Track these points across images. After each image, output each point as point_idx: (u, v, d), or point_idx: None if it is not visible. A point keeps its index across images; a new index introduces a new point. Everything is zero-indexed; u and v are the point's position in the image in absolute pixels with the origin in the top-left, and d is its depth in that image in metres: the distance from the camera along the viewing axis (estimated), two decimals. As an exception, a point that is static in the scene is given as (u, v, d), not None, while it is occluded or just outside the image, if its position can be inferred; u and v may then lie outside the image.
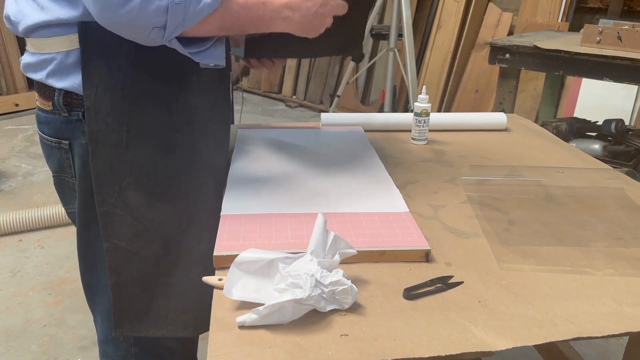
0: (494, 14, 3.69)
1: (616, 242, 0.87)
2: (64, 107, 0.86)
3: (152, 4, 0.73)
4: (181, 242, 0.90)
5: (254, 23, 0.84)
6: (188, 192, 0.90)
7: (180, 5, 0.75)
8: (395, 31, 2.84)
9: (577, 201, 1.01)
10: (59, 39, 0.82)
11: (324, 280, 0.63)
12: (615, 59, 1.91)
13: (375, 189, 0.99)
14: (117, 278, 0.88)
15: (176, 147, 0.88)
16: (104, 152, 0.84)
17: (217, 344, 0.61)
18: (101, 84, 0.82)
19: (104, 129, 0.83)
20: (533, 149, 1.31)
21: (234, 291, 0.65)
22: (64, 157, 0.90)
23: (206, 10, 0.77)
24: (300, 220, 0.86)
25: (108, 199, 0.85)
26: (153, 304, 0.90)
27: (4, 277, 2.21)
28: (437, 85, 3.86)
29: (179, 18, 0.75)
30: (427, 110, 1.30)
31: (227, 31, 0.83)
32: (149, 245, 0.88)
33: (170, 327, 0.91)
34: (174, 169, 0.88)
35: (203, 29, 0.79)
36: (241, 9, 0.81)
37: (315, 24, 0.88)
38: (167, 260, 0.89)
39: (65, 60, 0.83)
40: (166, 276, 0.90)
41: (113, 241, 0.87)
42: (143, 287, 0.89)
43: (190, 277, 0.90)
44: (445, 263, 0.79)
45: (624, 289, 0.74)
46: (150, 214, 0.87)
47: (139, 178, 0.86)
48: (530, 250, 0.83)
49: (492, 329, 0.64)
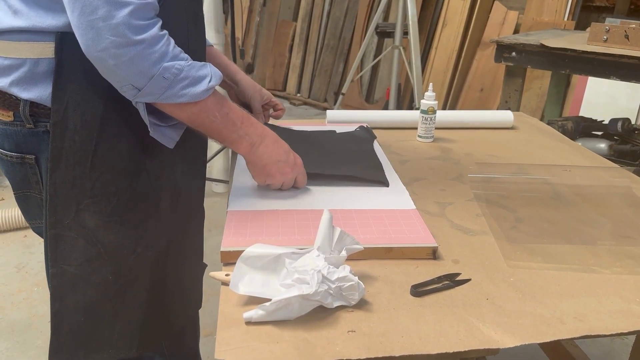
0: (499, 12, 3.68)
1: (623, 240, 0.86)
2: (29, 118, 0.79)
3: (142, 64, 0.72)
4: (133, 268, 0.85)
5: (222, 133, 0.85)
6: (148, 218, 0.86)
7: (166, 80, 0.74)
8: (401, 29, 2.83)
9: (585, 199, 1.01)
10: (30, 44, 0.76)
11: (330, 276, 0.63)
12: (622, 58, 1.90)
13: (381, 186, 0.99)
14: (59, 305, 0.83)
15: (142, 172, 0.84)
16: (65, 170, 0.78)
17: (224, 339, 0.61)
18: (72, 100, 0.77)
19: (69, 147, 0.78)
20: (540, 147, 1.30)
21: (240, 286, 0.65)
22: (29, 172, 0.84)
23: (186, 99, 0.77)
24: (306, 217, 0.85)
25: (63, 220, 0.80)
26: (96, 330, 0.85)
27: (9, 273, 2.21)
28: (442, 84, 3.85)
29: (157, 91, 0.75)
30: (433, 108, 1.29)
31: (193, 125, 0.82)
32: (99, 270, 0.83)
33: (113, 351, 0.86)
34: (136, 194, 0.83)
35: (174, 111, 0.79)
36: (219, 116, 0.82)
37: (269, 169, 0.91)
38: (116, 286, 0.85)
39: (35, 68, 0.77)
40: (113, 301, 0.85)
41: (61, 265, 0.81)
42: (87, 313, 0.84)
43: (140, 300, 0.87)
44: (452, 260, 0.78)
45: (632, 287, 0.73)
46: (106, 238, 0.82)
47: (99, 200, 0.81)
48: (537, 248, 0.82)
49: (499, 326, 0.64)
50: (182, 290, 0.98)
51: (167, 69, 0.74)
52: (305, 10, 4.75)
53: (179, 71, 0.75)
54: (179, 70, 0.75)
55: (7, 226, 2.50)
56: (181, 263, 0.96)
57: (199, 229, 1.04)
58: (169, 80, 0.75)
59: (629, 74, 1.91)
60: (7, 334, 1.86)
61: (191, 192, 0.95)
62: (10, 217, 2.50)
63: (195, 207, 1.00)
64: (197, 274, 1.06)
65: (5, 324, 1.91)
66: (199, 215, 1.03)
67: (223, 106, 0.83)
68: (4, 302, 2.03)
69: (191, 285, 1.03)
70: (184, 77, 0.76)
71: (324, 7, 4.63)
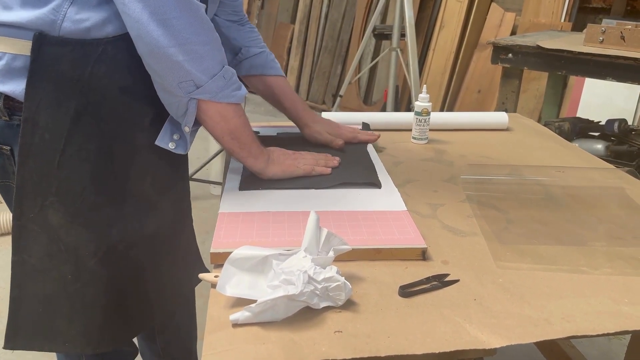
0: (496, 13, 3.68)
1: (615, 241, 0.86)
2: (4, 111, 0.81)
3: (209, 62, 0.80)
4: (95, 270, 0.85)
5: (245, 140, 0.93)
6: (111, 223, 0.86)
7: (224, 80, 0.83)
8: (398, 31, 2.83)
9: (577, 200, 1.01)
10: (11, 40, 0.77)
11: (316, 277, 0.63)
12: (618, 59, 1.90)
13: (373, 188, 0.99)
14: (19, 292, 0.85)
15: (110, 177, 0.84)
16: (33, 166, 0.79)
17: (211, 342, 0.61)
18: (45, 99, 0.77)
19: (38, 143, 0.79)
20: (534, 149, 1.30)
21: (227, 288, 0.65)
22: (6, 163, 0.85)
23: (235, 99, 0.86)
24: (297, 219, 0.86)
25: (27, 213, 0.81)
26: (53, 322, 0.86)
27: (7, 275, 2.21)
28: (440, 85, 3.85)
29: (215, 89, 0.82)
30: (427, 109, 1.29)
31: (227, 126, 0.88)
32: (59, 267, 0.84)
33: (69, 345, 0.87)
34: (102, 197, 0.84)
35: (223, 111, 0.86)
36: (241, 124, 0.91)
37: (290, 155, 1.02)
38: (75, 285, 0.85)
39: (12, 63, 0.78)
40: (71, 300, 0.86)
41: (22, 255, 0.83)
42: (45, 305, 0.85)
43: (99, 303, 0.87)
44: (442, 261, 0.78)
45: (621, 288, 0.73)
46: (68, 237, 0.83)
47: (64, 199, 0.81)
48: (528, 249, 0.82)
49: (486, 326, 0.64)
50: (158, 294, 0.97)
51: (226, 70, 0.84)
52: (303, 12, 4.76)
53: (232, 74, 0.85)
54: (232, 73, 0.85)
55: (4, 230, 2.51)
56: (155, 269, 0.95)
57: (180, 236, 1.02)
58: (226, 80, 0.83)
59: (624, 74, 1.91)
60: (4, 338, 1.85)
61: (161, 202, 0.93)
62: (7, 220, 2.50)
63: (169, 217, 0.97)
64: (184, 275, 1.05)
65: (3, 327, 1.90)
66: (178, 223, 1.01)
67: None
68: (2, 305, 2.03)
69: (171, 288, 1.02)
70: (235, 80, 0.86)
71: (321, 10, 4.64)
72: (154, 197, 0.91)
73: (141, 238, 0.90)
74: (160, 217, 0.93)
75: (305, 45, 4.78)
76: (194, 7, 0.77)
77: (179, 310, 1.17)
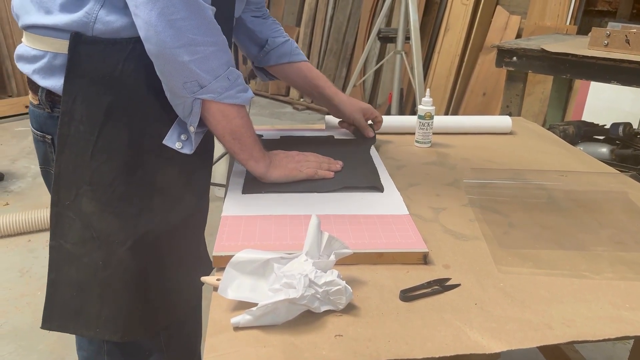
0: (502, 16, 3.68)
1: (617, 246, 0.86)
2: (47, 103, 0.87)
3: (214, 63, 0.82)
4: (123, 259, 0.89)
5: (247, 142, 0.94)
6: (140, 213, 0.90)
7: (229, 81, 0.85)
8: (403, 34, 2.84)
9: (580, 205, 1.01)
10: (51, 40, 0.84)
11: (317, 281, 0.63)
12: (623, 62, 1.90)
13: (375, 192, 0.99)
14: (55, 275, 0.90)
15: (139, 169, 0.88)
16: (69, 156, 0.85)
17: (213, 345, 0.61)
18: (80, 94, 0.83)
19: (74, 135, 0.85)
20: (538, 153, 1.30)
21: (229, 291, 0.65)
22: (48, 150, 0.92)
23: (240, 100, 0.87)
24: (299, 222, 0.86)
25: (64, 201, 0.87)
26: (85, 307, 0.90)
27: (13, 277, 2.23)
28: (445, 88, 3.85)
29: (219, 90, 0.84)
30: (430, 113, 1.30)
31: (230, 127, 0.90)
32: (91, 253, 0.88)
33: (99, 330, 0.91)
34: (131, 189, 0.88)
35: (225, 110, 0.87)
36: (243, 125, 0.91)
37: (294, 158, 1.03)
38: (105, 272, 0.89)
39: (53, 60, 0.84)
40: (101, 287, 0.90)
41: (59, 240, 0.88)
42: (79, 289, 0.90)
43: (128, 292, 0.90)
44: (443, 265, 0.79)
45: (622, 293, 0.73)
46: (99, 224, 0.87)
47: (96, 189, 0.86)
48: (529, 254, 0.82)
49: (487, 331, 0.64)
50: (177, 289, 1.00)
51: (231, 72, 0.85)
52: (308, 15, 4.77)
53: (237, 76, 0.87)
54: (238, 75, 0.87)
55: (11, 231, 2.52)
56: (176, 263, 0.98)
57: (197, 231, 1.05)
58: (230, 81, 0.85)
59: (629, 78, 1.91)
60: (10, 338, 1.87)
61: (186, 195, 0.97)
62: (14, 222, 2.52)
63: (192, 210, 1.00)
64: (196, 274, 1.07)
65: (9, 328, 1.92)
66: (198, 217, 1.04)
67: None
68: (8, 306, 2.05)
69: (188, 285, 1.03)
70: (240, 82, 0.87)
71: (327, 12, 4.65)
72: (179, 190, 0.95)
73: (167, 229, 0.93)
74: (184, 210, 0.97)
75: (311, 48, 4.79)
76: (202, 9, 0.80)
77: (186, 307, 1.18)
